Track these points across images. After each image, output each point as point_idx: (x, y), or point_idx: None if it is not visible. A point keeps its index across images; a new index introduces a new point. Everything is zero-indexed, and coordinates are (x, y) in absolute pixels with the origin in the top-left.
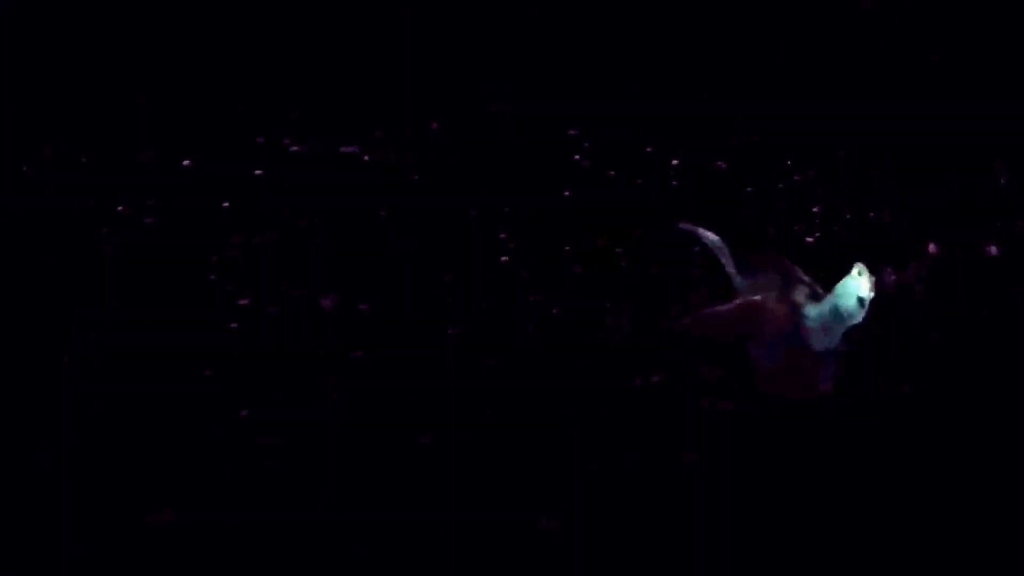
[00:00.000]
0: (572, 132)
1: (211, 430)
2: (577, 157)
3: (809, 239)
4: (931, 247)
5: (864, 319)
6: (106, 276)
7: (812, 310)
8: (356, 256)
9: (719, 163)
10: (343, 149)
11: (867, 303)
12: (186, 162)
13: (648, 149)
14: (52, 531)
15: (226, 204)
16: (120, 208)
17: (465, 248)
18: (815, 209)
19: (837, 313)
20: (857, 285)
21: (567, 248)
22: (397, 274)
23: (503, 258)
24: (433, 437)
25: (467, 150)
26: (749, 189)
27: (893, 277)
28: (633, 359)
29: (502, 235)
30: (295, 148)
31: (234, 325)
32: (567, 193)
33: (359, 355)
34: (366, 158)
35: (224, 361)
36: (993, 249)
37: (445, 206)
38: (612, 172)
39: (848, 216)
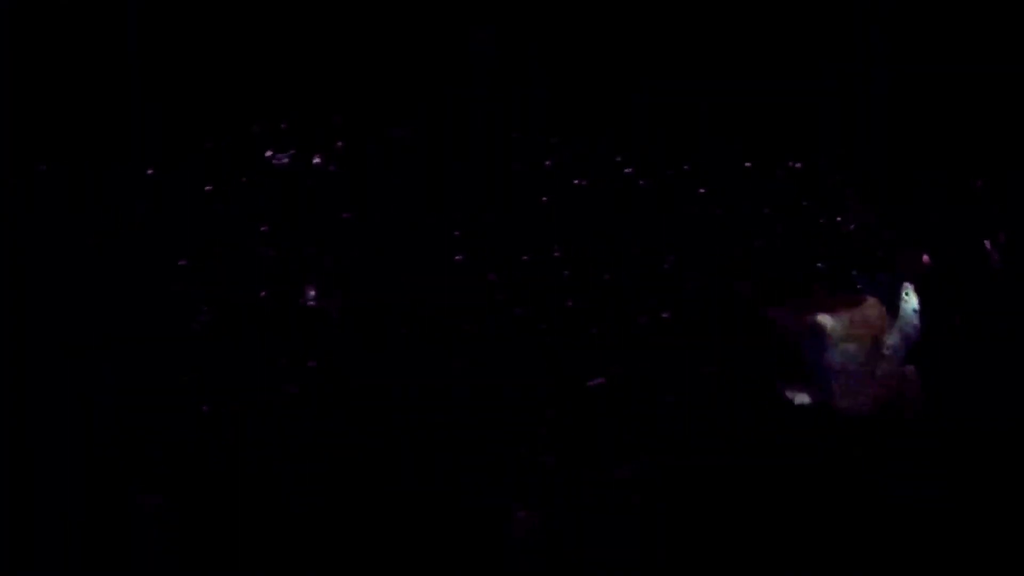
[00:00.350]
0: (551, 139)
1: (195, 422)
2: (549, 163)
3: (757, 243)
4: (924, 258)
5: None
6: (96, 279)
7: (890, 338)
8: (329, 258)
9: (687, 167)
10: (278, 156)
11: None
12: (158, 170)
13: (618, 158)
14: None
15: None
16: (103, 215)
17: (430, 250)
18: (781, 216)
19: (906, 336)
20: (911, 304)
21: (530, 254)
22: (368, 276)
23: (457, 257)
24: (402, 435)
25: (438, 156)
26: (702, 188)
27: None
28: (600, 359)
29: (456, 232)
30: (268, 154)
31: (210, 325)
32: (545, 199)
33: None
34: (314, 161)
35: (204, 359)
36: (974, 256)
37: (414, 210)
38: (578, 180)
39: (821, 220)
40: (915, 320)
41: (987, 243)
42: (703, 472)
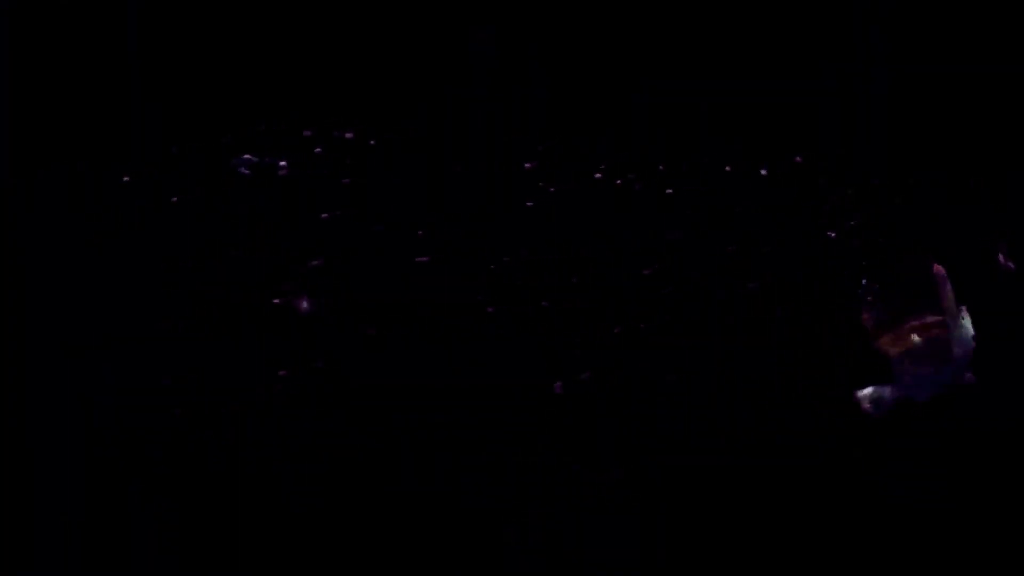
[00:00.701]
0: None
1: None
2: (528, 165)
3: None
4: (936, 267)
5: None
6: (96, 279)
7: (955, 350)
8: (330, 258)
9: (662, 166)
10: (238, 161)
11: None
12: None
13: (601, 166)
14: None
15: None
16: (103, 215)
17: (430, 249)
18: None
19: (964, 354)
20: (968, 327)
21: (529, 253)
22: (367, 276)
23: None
24: (402, 435)
25: (438, 156)
26: (702, 188)
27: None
28: (599, 359)
29: (419, 232)
30: (248, 156)
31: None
32: (530, 203)
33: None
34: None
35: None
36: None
37: (414, 209)
38: (578, 180)
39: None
40: (971, 343)
41: (1001, 256)
42: (703, 472)
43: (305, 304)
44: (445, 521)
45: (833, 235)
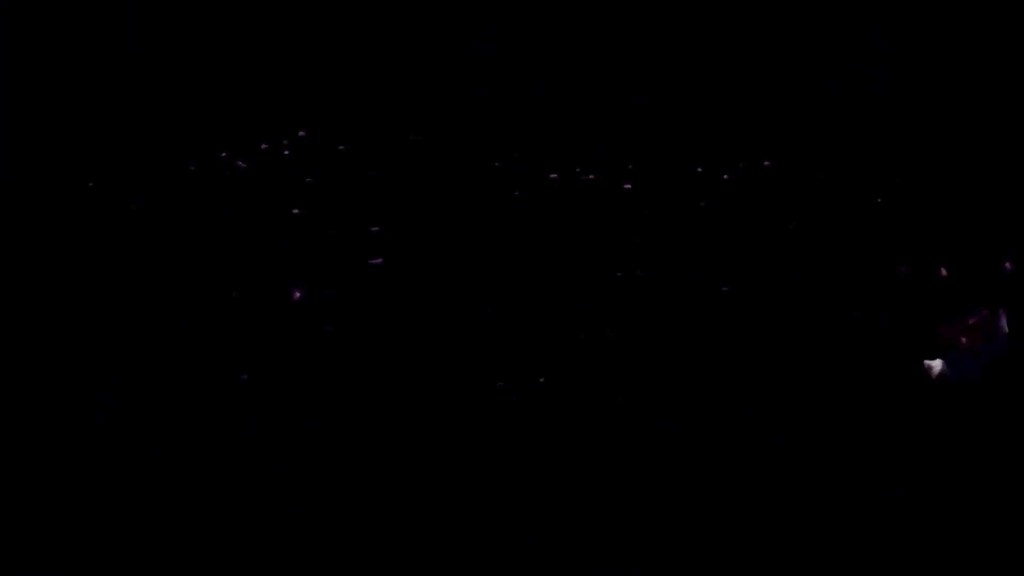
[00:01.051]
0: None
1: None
2: (498, 164)
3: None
4: (942, 271)
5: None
6: (96, 279)
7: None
8: (330, 257)
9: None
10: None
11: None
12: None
13: (578, 168)
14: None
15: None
16: (103, 215)
17: (430, 249)
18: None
19: (1003, 349)
20: (1004, 326)
21: (529, 253)
22: (368, 275)
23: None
24: (402, 435)
25: (438, 155)
26: (702, 188)
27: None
28: (600, 359)
29: (373, 231)
30: (231, 156)
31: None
32: (544, 198)
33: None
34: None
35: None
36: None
37: (414, 209)
38: (578, 180)
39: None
40: (1004, 341)
41: (1008, 264)
42: (703, 472)
43: (304, 303)
44: (445, 521)
45: (832, 235)
